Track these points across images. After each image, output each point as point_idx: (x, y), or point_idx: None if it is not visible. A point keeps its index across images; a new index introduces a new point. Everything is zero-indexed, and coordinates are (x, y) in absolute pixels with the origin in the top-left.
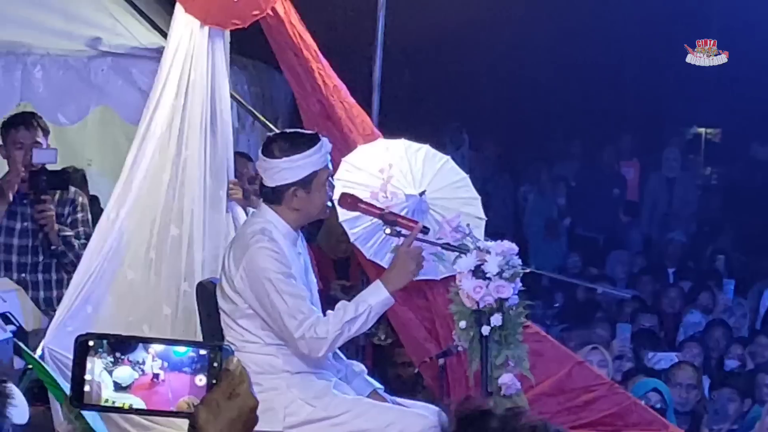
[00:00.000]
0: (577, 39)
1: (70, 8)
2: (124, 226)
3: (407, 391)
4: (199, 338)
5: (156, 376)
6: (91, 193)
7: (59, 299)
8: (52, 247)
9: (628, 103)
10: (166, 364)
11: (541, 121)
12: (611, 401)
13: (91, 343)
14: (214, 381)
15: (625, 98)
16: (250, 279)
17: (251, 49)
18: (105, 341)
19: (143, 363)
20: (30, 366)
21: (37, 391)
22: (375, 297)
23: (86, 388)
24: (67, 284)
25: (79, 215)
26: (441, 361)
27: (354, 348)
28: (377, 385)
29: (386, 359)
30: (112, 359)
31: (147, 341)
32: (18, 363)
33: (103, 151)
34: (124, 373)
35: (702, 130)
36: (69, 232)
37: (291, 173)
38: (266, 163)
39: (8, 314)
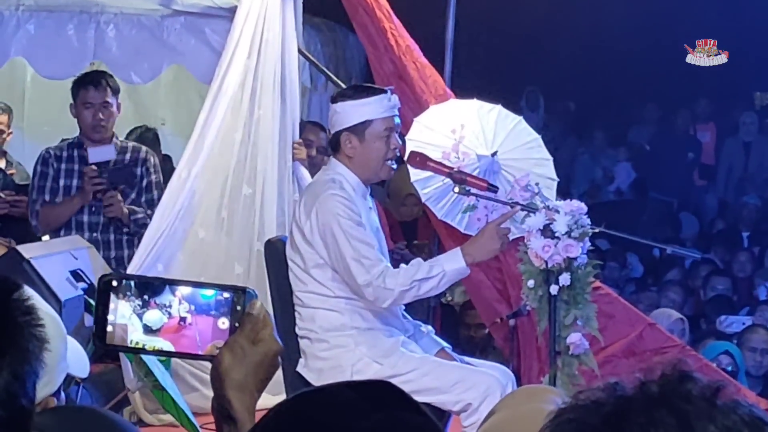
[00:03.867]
0: (653, 2)
1: None
2: (195, 185)
3: (478, 353)
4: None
5: (183, 319)
6: (164, 152)
7: (130, 258)
8: (125, 230)
9: (705, 67)
10: (192, 308)
11: (618, 85)
12: None
13: (114, 283)
14: (236, 324)
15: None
16: (320, 224)
17: (324, 9)
18: (132, 283)
19: (170, 306)
20: None
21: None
22: (451, 264)
23: (109, 328)
24: (138, 244)
25: (153, 177)
26: (512, 321)
27: (424, 309)
28: (444, 344)
29: (457, 321)
30: (140, 302)
31: (173, 283)
32: (89, 320)
33: (177, 110)
34: (154, 316)
35: None
36: (140, 214)
37: (344, 118)
38: (329, 109)
39: (79, 271)
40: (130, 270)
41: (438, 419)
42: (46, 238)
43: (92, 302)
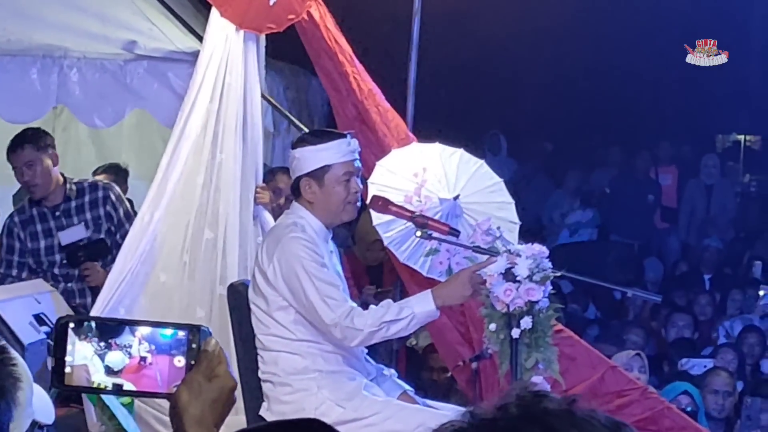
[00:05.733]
0: (615, 46)
1: (107, 12)
2: (157, 229)
3: (441, 396)
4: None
5: (143, 359)
6: (128, 196)
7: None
8: None
9: (667, 110)
10: (153, 347)
11: (579, 128)
12: (644, 406)
13: (72, 325)
14: (192, 362)
15: (665, 105)
16: (283, 268)
17: (287, 53)
18: (93, 324)
19: (130, 347)
20: None
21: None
22: (421, 306)
23: (67, 369)
24: None
25: (121, 211)
26: (474, 364)
27: (387, 352)
28: (407, 387)
29: (421, 364)
30: (103, 344)
31: (132, 324)
32: (51, 364)
33: (140, 153)
34: (116, 357)
35: (741, 137)
36: None
37: (303, 163)
38: (290, 155)
39: (42, 315)
40: (92, 313)
41: None
42: None
43: None
